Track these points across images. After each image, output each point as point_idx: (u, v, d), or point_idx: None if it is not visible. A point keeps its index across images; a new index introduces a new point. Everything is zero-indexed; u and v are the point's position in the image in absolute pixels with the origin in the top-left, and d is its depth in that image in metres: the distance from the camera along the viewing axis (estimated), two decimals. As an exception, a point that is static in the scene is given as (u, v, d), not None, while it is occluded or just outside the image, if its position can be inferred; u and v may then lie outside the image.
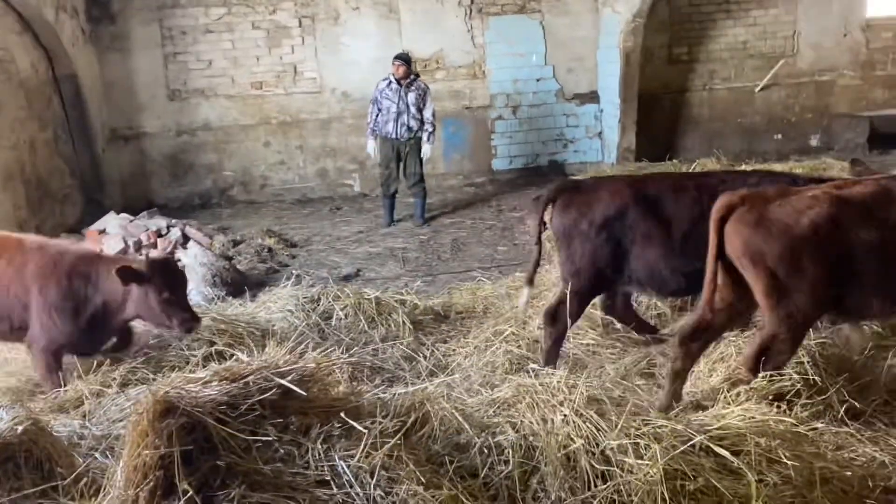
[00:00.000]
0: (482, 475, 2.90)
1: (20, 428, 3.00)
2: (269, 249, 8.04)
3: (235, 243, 8.05)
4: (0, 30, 7.70)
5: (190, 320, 4.33)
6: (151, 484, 2.30)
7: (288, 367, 2.91)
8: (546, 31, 10.95)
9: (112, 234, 7.67)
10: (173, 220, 8.25)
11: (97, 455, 3.29)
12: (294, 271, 7.44)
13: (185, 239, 7.82)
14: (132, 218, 8.14)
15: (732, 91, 11.58)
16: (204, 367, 3.43)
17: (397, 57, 8.63)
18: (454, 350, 4.98)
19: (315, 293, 5.26)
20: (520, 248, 7.93)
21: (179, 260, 6.06)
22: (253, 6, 10.24)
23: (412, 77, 8.59)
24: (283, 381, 2.79)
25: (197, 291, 6.52)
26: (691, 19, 11.34)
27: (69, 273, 4.33)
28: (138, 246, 7.52)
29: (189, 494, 2.26)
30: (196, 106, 10.41)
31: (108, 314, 4.39)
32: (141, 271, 4.23)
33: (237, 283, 6.84)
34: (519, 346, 4.65)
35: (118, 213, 8.54)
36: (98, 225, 8.01)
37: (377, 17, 10.55)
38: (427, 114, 8.59)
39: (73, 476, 2.97)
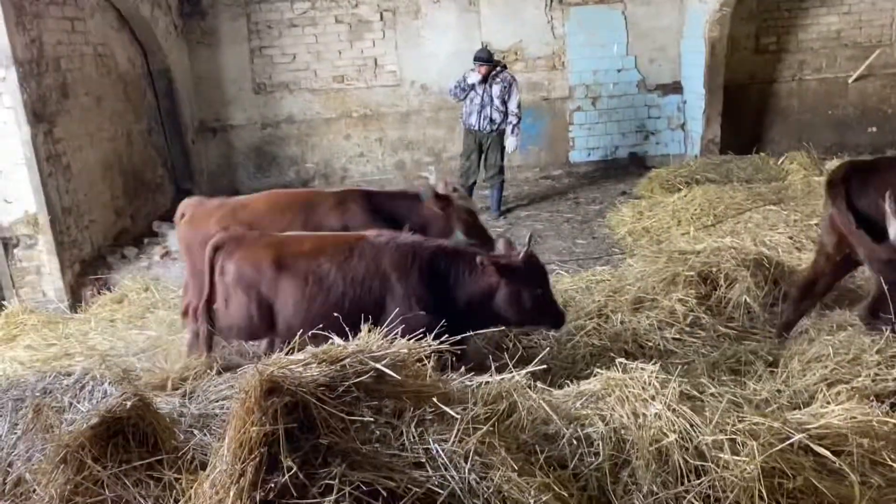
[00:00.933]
0: (571, 466, 2.90)
1: (128, 404, 3.17)
2: (350, 239, 8.19)
3: (318, 233, 8.23)
4: (100, 26, 8.08)
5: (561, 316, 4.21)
6: (257, 459, 2.39)
7: (382, 352, 2.98)
8: (628, 21, 10.77)
9: (202, 222, 7.95)
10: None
11: (195, 432, 3.45)
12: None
13: (271, 228, 8.04)
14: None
15: (824, 82, 11.12)
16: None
17: (476, 59, 8.60)
18: (535, 342, 4.99)
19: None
20: (599, 241, 7.85)
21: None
22: (336, 0, 10.43)
23: (497, 70, 8.56)
24: (377, 366, 2.86)
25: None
26: (780, 8, 10.92)
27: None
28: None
29: (293, 471, 2.35)
30: (280, 99, 10.69)
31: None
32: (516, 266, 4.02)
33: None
34: (601, 340, 4.61)
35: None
36: (189, 213, 8.32)
37: (457, 10, 10.59)
38: (512, 106, 8.55)
39: (176, 452, 3.12)
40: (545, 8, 10.68)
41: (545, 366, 3.83)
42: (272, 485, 2.36)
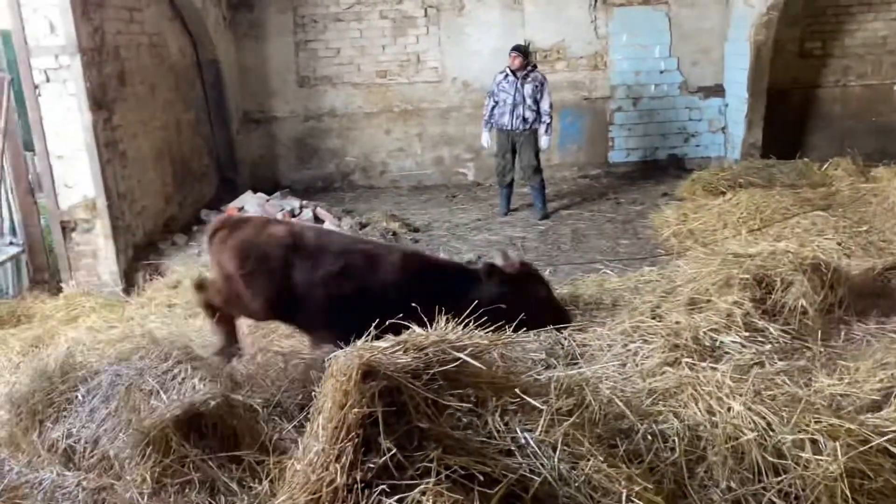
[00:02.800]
0: (647, 460, 2.96)
1: (213, 403, 3.27)
2: (394, 233, 8.30)
3: (362, 226, 8.34)
4: (155, 16, 8.23)
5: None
6: (356, 440, 2.48)
7: (463, 343, 3.05)
8: (672, 23, 10.76)
9: (250, 211, 8.10)
10: (304, 202, 8.63)
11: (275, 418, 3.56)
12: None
13: (316, 220, 8.18)
14: (268, 197, 8.56)
15: (868, 88, 11.04)
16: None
17: (514, 48, 8.65)
18: (589, 341, 5.03)
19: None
20: (643, 242, 7.87)
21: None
22: (382, -4, 10.53)
23: (529, 68, 8.58)
24: (461, 355, 2.93)
25: (331, 270, 6.82)
26: (826, 13, 10.85)
27: None
28: (274, 224, 7.92)
29: (393, 452, 2.43)
30: (323, 93, 10.81)
31: None
32: None
33: (368, 264, 7.13)
34: (661, 338, 4.64)
35: (248, 192, 9.01)
36: (236, 203, 8.48)
37: (501, 8, 10.64)
38: (544, 105, 8.58)
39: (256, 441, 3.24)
40: (589, 7, 10.70)
41: (620, 361, 3.89)
42: (371, 465, 2.44)
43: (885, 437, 2.79)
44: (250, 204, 8.29)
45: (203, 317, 4.97)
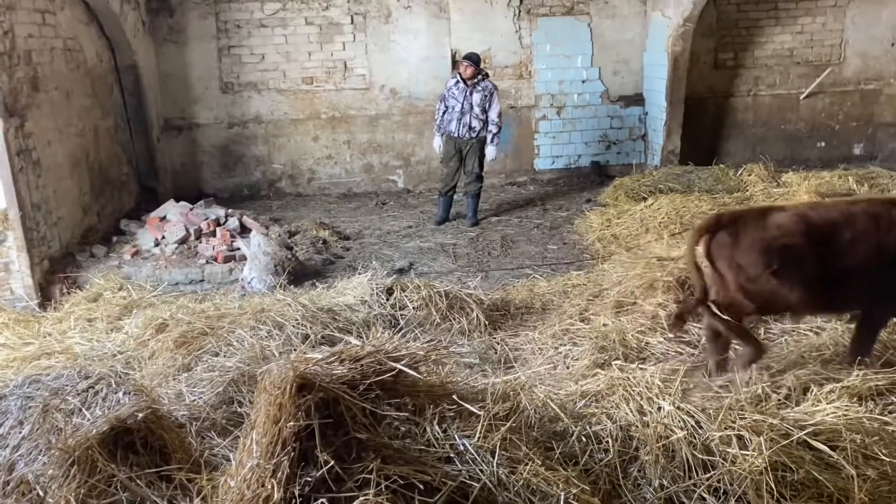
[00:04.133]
0: (582, 462, 3.02)
1: (140, 415, 3.14)
2: (324, 241, 8.20)
3: (291, 234, 8.21)
4: (70, 20, 7.90)
5: None
6: (293, 454, 2.44)
7: (400, 353, 3.04)
8: (593, 34, 11.04)
9: (172, 221, 7.86)
10: (230, 210, 8.43)
11: (204, 434, 3.46)
12: (349, 263, 7.64)
13: (242, 228, 8.00)
14: (191, 206, 8.32)
15: (777, 97, 11.60)
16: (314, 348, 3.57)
17: (466, 57, 8.66)
18: (520, 346, 5.11)
19: (388, 283, 5.39)
20: (570, 247, 8.04)
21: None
22: (307, 2, 10.41)
23: (479, 77, 8.62)
24: (398, 365, 2.93)
25: (259, 279, 6.71)
26: (738, 25, 11.36)
27: None
28: (199, 234, 7.71)
29: (330, 464, 2.40)
30: (248, 99, 10.60)
31: None
32: None
33: (298, 273, 7.03)
34: (590, 340, 4.75)
35: (170, 201, 8.73)
36: (158, 212, 8.21)
37: (428, 16, 10.69)
38: (492, 114, 8.63)
39: (187, 456, 3.14)
40: (514, 17, 10.87)
41: (551, 364, 3.95)
42: (309, 478, 2.40)
43: (805, 431, 2.93)
44: (172, 213, 8.04)
45: (707, 337, 4.34)
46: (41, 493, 2.96)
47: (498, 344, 5.02)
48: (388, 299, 5.27)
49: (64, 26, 7.69)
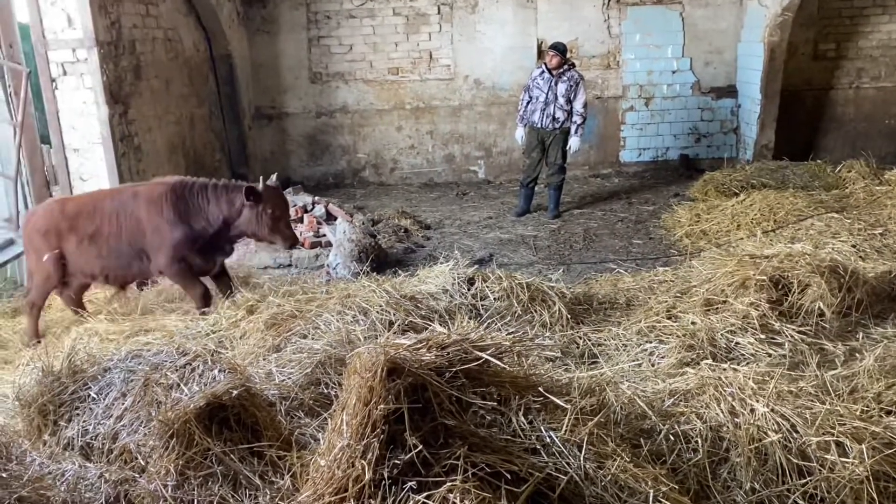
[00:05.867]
0: (669, 461, 2.96)
1: (235, 392, 3.25)
2: (406, 230, 8.30)
3: (374, 222, 8.34)
4: (170, 11, 8.24)
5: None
6: (382, 437, 2.48)
7: (485, 343, 3.05)
8: (685, 23, 10.73)
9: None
10: (316, 198, 8.62)
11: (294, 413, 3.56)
12: (429, 252, 7.71)
13: (328, 216, 8.17)
14: (279, 193, 8.54)
15: (882, 91, 11.00)
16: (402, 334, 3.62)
17: (552, 46, 8.55)
18: (605, 340, 5.02)
19: (470, 273, 5.39)
20: (656, 242, 7.86)
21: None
22: (395, -7, 10.53)
23: (565, 67, 8.51)
24: (484, 354, 2.93)
25: (344, 266, 6.84)
26: (841, 14, 10.82)
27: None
28: (287, 220, 7.92)
29: (419, 448, 2.43)
30: (335, 89, 10.81)
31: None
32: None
33: (380, 260, 7.14)
34: (677, 338, 4.63)
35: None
36: (249, 198, 8.46)
37: (514, 6, 10.62)
38: (577, 105, 8.51)
39: (278, 435, 3.24)
40: (602, 7, 10.68)
41: (636, 361, 3.88)
42: (398, 461, 2.44)
43: (910, 441, 2.78)
44: (263, 199, 8.27)
45: None
46: (143, 462, 3.12)
47: (580, 338, 4.94)
48: (469, 289, 5.26)
49: (165, 17, 8.03)
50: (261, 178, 5.76)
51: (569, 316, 5.05)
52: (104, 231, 5.45)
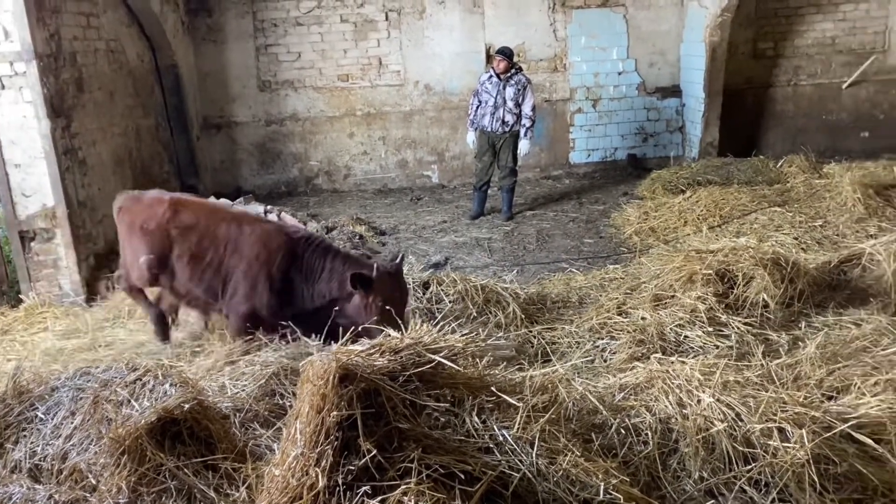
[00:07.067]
0: (621, 454, 3.03)
1: (187, 406, 3.22)
2: (360, 237, 8.28)
3: (328, 230, 8.31)
4: (112, 21, 8.09)
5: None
6: (336, 444, 2.49)
7: (438, 345, 3.07)
8: (629, 25, 10.94)
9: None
10: (268, 207, 8.55)
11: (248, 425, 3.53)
12: (385, 258, 7.71)
13: (281, 224, 8.12)
14: (231, 203, 8.45)
15: (818, 87, 11.37)
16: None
17: (499, 51, 8.63)
18: (558, 338, 5.10)
19: (425, 277, 5.43)
20: (606, 240, 7.99)
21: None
22: (342, 0, 10.50)
23: (513, 71, 8.60)
24: (437, 357, 2.96)
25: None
26: (777, 14, 11.16)
27: None
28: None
29: (373, 453, 2.44)
30: (285, 97, 10.74)
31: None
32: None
33: (335, 268, 7.10)
34: (628, 334, 4.73)
35: (210, 198, 8.88)
36: (199, 209, 8.35)
37: (462, 11, 10.70)
38: (526, 108, 8.61)
39: (232, 446, 3.22)
40: (548, 10, 10.82)
41: (589, 358, 3.95)
42: (352, 467, 2.45)
43: (848, 423, 2.90)
44: (214, 210, 8.18)
45: None
46: (94, 481, 3.06)
47: (535, 337, 5.02)
48: (424, 293, 5.30)
49: (107, 28, 7.88)
50: (381, 258, 4.85)
51: (523, 316, 5.12)
52: (207, 258, 4.88)
